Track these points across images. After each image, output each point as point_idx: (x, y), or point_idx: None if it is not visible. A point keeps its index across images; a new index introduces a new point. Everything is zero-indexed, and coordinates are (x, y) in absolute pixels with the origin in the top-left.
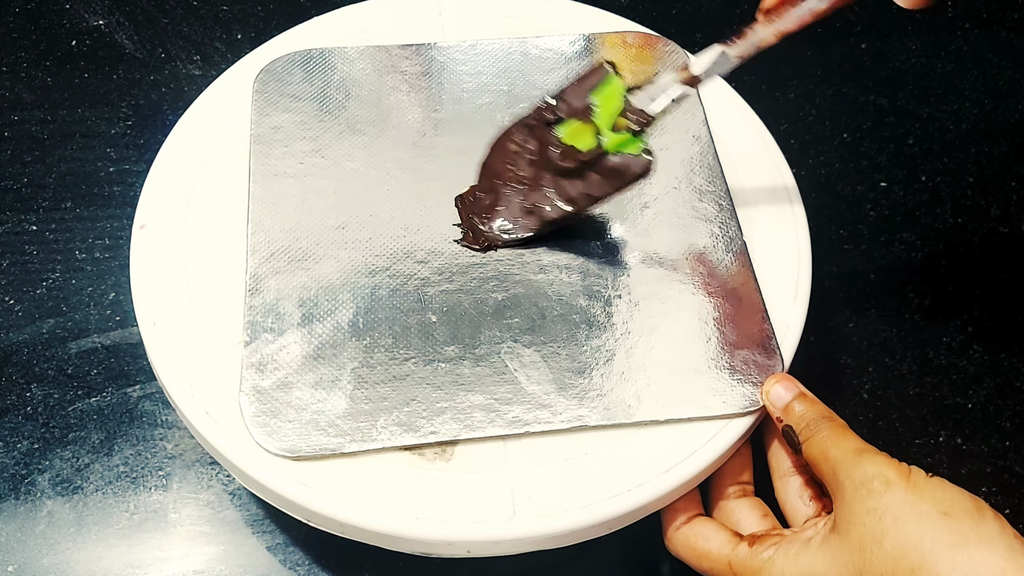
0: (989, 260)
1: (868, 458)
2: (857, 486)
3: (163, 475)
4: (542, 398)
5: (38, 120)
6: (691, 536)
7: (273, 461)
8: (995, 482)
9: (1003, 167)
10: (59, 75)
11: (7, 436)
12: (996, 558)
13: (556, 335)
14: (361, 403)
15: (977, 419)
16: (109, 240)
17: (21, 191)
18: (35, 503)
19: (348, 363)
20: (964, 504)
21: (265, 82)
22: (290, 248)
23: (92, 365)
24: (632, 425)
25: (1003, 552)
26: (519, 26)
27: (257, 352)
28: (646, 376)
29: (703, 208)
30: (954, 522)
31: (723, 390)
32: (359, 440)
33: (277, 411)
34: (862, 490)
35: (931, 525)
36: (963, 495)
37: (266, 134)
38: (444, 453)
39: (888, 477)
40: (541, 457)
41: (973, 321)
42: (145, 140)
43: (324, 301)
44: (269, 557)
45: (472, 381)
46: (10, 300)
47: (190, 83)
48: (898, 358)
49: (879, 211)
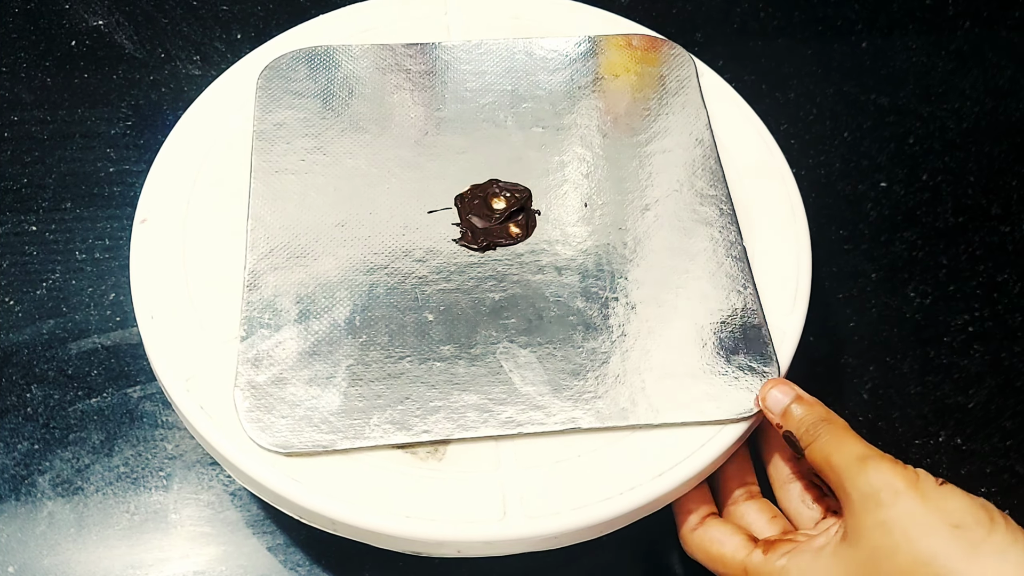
0: (990, 259)
1: (873, 465)
2: (865, 498)
3: (164, 476)
4: (536, 399)
5: (38, 120)
6: (706, 540)
7: (266, 456)
8: (995, 482)
9: (1004, 166)
10: (59, 75)
11: (7, 437)
12: (1009, 566)
13: (552, 336)
14: (355, 400)
15: (978, 419)
16: (109, 240)
17: (21, 191)
18: (35, 504)
19: (343, 360)
20: (976, 514)
21: (269, 78)
22: (289, 244)
23: (92, 366)
24: (626, 428)
25: (1016, 560)
26: (525, 26)
27: (253, 348)
28: (641, 379)
29: (704, 212)
30: (966, 534)
31: (718, 395)
32: (352, 437)
33: (271, 407)
34: (870, 503)
35: (943, 540)
36: (974, 504)
37: (268, 130)
38: (437, 452)
39: (896, 488)
40: (534, 458)
41: (974, 321)
42: (145, 140)
43: (321, 298)
44: (270, 558)
45: (466, 381)
46: (10, 301)
47: (190, 83)
48: (899, 357)
49: (880, 210)
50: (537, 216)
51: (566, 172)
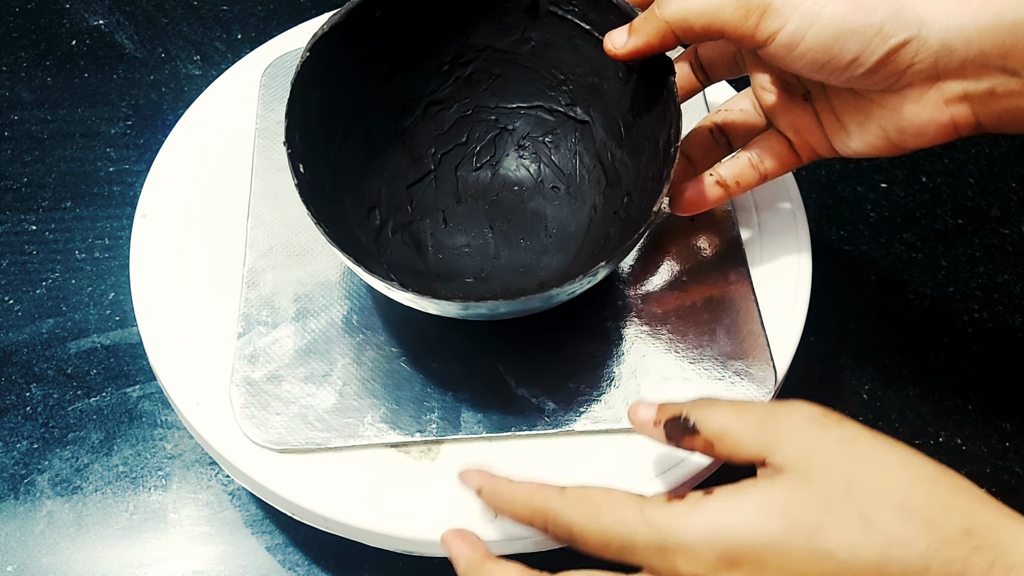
0: (989, 261)
1: (768, 433)
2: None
3: (162, 475)
4: (530, 401)
5: (38, 120)
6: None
7: (260, 453)
8: (995, 483)
9: (1003, 167)
10: (59, 75)
11: (6, 436)
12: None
13: (548, 339)
14: (350, 399)
15: (977, 420)
16: (109, 240)
17: (21, 191)
18: (34, 503)
19: (339, 359)
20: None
21: (273, 76)
22: (288, 243)
23: (92, 365)
24: (619, 431)
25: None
26: None
27: (250, 344)
28: (636, 383)
29: (704, 216)
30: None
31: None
32: (346, 436)
33: (266, 403)
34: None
35: (838, 452)
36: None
37: (271, 128)
38: (430, 452)
39: (788, 455)
40: (527, 460)
41: (973, 322)
42: (145, 140)
43: (319, 296)
44: (268, 557)
45: (461, 381)
46: (10, 300)
47: (190, 83)
48: (898, 359)
49: (879, 212)
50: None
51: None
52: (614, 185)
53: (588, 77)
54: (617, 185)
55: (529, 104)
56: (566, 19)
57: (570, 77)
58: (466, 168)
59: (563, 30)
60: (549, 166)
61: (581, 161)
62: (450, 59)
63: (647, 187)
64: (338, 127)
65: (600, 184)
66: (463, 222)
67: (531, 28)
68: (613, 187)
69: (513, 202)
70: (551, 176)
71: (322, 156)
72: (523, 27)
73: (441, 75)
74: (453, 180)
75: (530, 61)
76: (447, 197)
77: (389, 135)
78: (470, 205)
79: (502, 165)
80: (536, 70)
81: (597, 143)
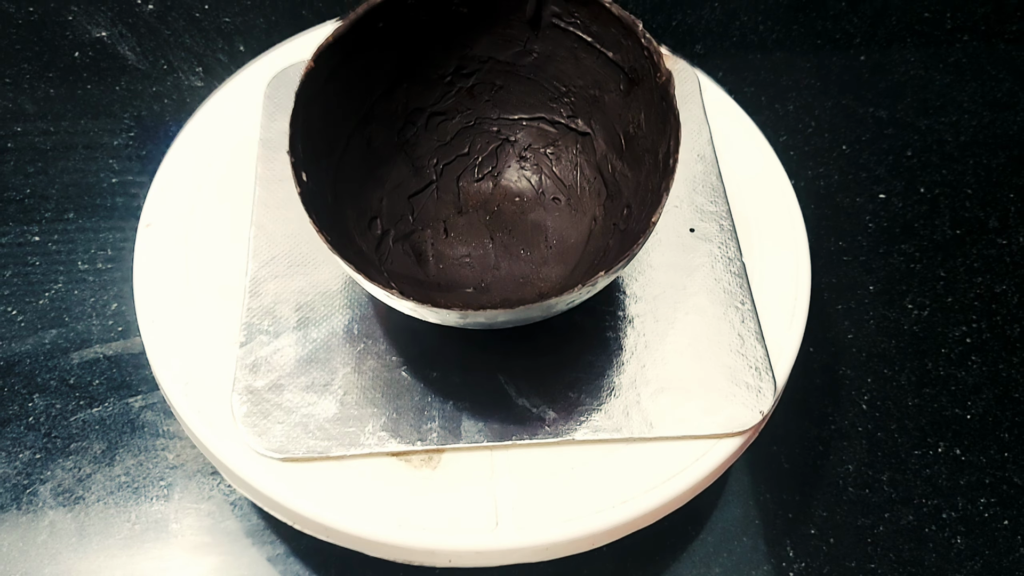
0: (987, 271)
1: None
2: None
3: (164, 485)
4: (531, 410)
5: (41, 131)
6: None
7: (261, 462)
8: (994, 493)
9: (1001, 179)
10: (62, 86)
11: (9, 446)
12: None
13: (548, 349)
14: (351, 408)
15: (976, 430)
16: (111, 251)
17: (24, 202)
18: (37, 513)
19: (340, 368)
20: None
21: (277, 87)
22: (291, 252)
23: (94, 375)
24: (619, 441)
25: None
26: None
27: (252, 353)
28: (636, 393)
29: (703, 228)
30: None
31: (713, 409)
32: (346, 444)
33: (267, 412)
34: None
35: None
36: None
37: (274, 139)
38: (430, 461)
39: None
40: (527, 469)
41: (972, 332)
42: (147, 151)
43: (320, 306)
44: (269, 568)
45: (462, 390)
46: (13, 311)
47: (192, 94)
48: (897, 369)
49: (878, 222)
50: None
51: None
52: (614, 197)
53: (589, 89)
54: (617, 197)
55: (531, 116)
56: (568, 32)
57: (572, 89)
58: (467, 179)
59: (565, 42)
60: (550, 177)
61: (582, 173)
62: (453, 70)
63: (647, 199)
64: (341, 137)
65: (600, 196)
66: (464, 232)
67: (533, 40)
68: (613, 199)
69: (514, 213)
70: (552, 187)
71: (325, 166)
72: (525, 39)
73: (444, 86)
74: (454, 191)
75: (532, 73)
76: (448, 207)
77: (391, 145)
78: (471, 216)
79: (503, 176)
80: (538, 82)
81: (598, 155)
